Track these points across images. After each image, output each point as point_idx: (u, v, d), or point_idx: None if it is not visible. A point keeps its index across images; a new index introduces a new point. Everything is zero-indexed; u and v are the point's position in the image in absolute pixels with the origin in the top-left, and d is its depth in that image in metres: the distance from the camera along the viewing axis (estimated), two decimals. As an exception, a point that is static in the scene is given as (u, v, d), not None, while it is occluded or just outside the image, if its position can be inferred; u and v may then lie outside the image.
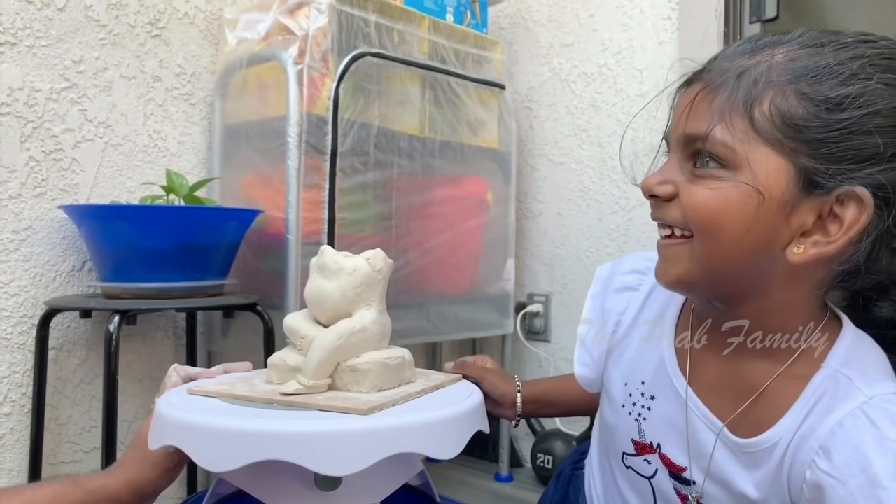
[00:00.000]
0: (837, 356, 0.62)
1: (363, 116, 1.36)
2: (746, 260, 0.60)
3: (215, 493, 0.77)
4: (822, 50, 0.58)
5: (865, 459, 0.55)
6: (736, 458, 0.65)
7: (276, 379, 0.71)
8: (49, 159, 1.24)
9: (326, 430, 0.59)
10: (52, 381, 1.25)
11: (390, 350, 0.77)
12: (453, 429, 0.65)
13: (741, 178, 0.58)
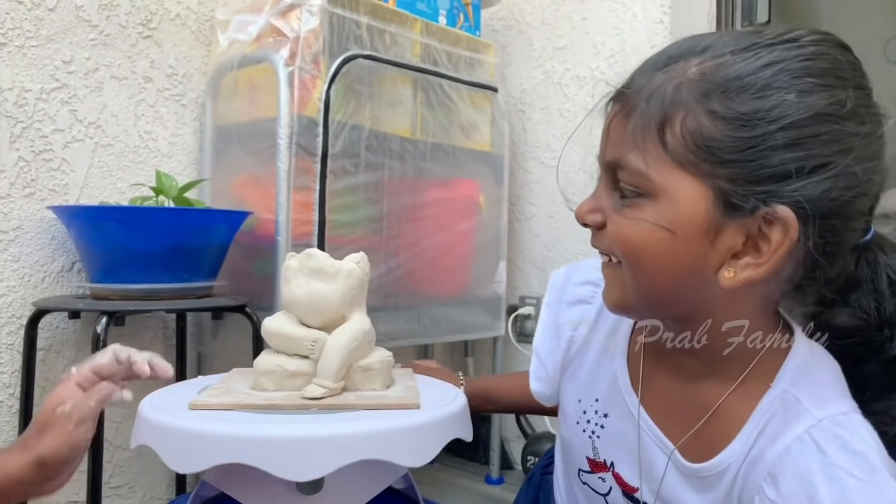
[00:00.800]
0: (787, 375, 0.59)
1: (354, 118, 1.36)
2: (676, 287, 0.58)
3: (199, 496, 0.77)
4: (735, 59, 0.55)
5: (812, 488, 0.52)
6: (687, 481, 0.63)
7: (270, 385, 0.71)
8: (39, 159, 1.23)
9: (298, 434, 0.60)
10: (41, 382, 1.25)
11: (382, 350, 0.78)
12: (427, 436, 0.65)
13: (659, 207, 0.56)
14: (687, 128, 0.54)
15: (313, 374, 0.72)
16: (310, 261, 0.75)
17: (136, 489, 1.38)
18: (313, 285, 0.74)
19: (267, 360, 0.73)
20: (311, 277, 0.74)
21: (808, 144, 0.53)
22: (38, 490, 0.65)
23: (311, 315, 0.74)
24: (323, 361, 0.71)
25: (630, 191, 0.58)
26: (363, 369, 0.75)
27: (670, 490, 0.64)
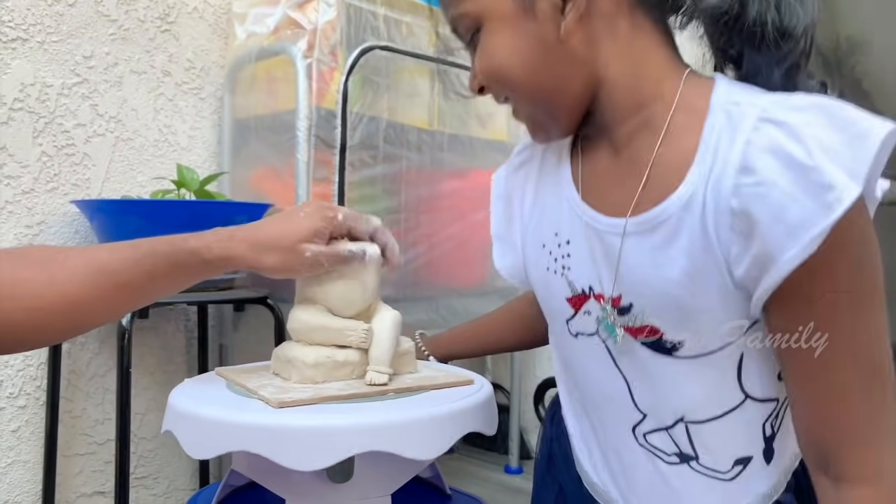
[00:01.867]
0: (719, 97, 0.57)
1: (372, 110, 1.36)
2: (545, 75, 0.61)
3: (228, 485, 0.78)
4: None
5: (785, 154, 0.50)
6: (649, 241, 0.59)
7: (320, 377, 0.71)
8: (61, 154, 1.25)
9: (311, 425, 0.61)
10: (66, 375, 1.27)
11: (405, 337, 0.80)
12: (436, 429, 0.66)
13: (488, 27, 0.61)
14: None
15: (358, 363, 0.73)
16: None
17: (160, 479, 1.40)
18: (345, 277, 0.74)
19: (314, 354, 0.72)
20: (341, 268, 0.75)
21: None
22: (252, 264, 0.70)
23: (344, 305, 0.75)
24: (377, 349, 0.73)
25: (471, 35, 0.63)
26: (400, 354, 0.77)
27: (635, 271, 0.60)
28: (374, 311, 0.77)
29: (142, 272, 0.66)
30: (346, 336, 0.73)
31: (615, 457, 0.69)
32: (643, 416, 0.65)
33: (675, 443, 0.64)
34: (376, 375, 0.71)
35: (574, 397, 0.74)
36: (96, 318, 0.66)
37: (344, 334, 0.73)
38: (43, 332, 0.63)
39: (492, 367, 1.93)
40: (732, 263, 0.55)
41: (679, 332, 0.60)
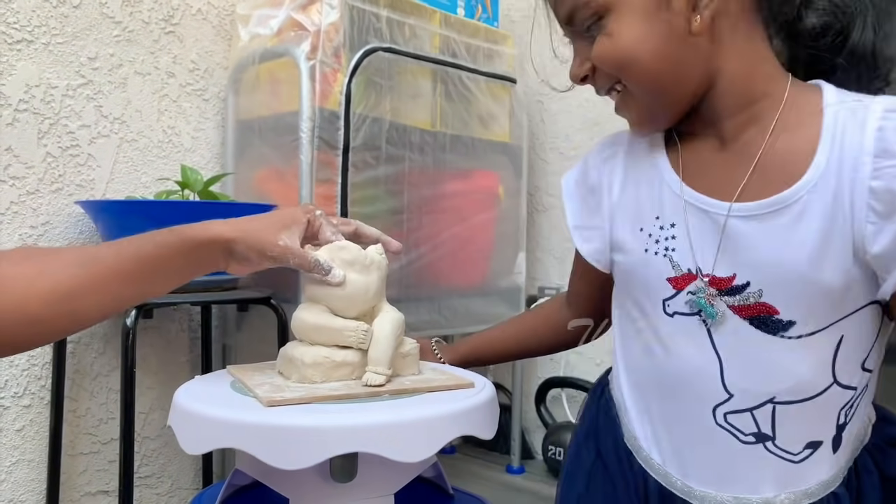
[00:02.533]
0: (831, 96, 0.63)
1: (375, 111, 1.37)
2: (673, 68, 0.64)
3: (232, 484, 0.78)
4: None
5: None
6: (776, 222, 0.62)
7: (319, 377, 0.72)
8: (66, 155, 1.25)
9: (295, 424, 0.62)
10: (71, 374, 1.27)
11: (408, 338, 0.80)
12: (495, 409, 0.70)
13: (615, 14, 0.64)
14: None
15: (358, 364, 0.73)
16: (343, 252, 0.76)
17: (163, 479, 1.40)
18: (350, 277, 0.75)
19: (312, 353, 0.73)
20: (345, 269, 0.75)
21: None
22: (223, 264, 0.72)
23: (348, 306, 0.75)
24: (376, 350, 0.73)
25: (591, 23, 0.66)
26: (402, 356, 0.77)
27: (755, 253, 0.63)
28: (378, 312, 0.77)
29: (132, 258, 0.66)
30: (346, 336, 0.74)
31: (685, 434, 0.70)
32: (729, 397, 0.66)
33: (756, 423, 0.66)
34: (373, 376, 0.71)
35: (645, 376, 0.74)
36: (92, 311, 0.65)
37: (343, 334, 0.74)
38: (36, 325, 0.61)
39: (493, 367, 1.94)
40: (868, 242, 0.59)
41: (795, 311, 0.62)
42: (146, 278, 0.68)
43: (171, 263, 0.69)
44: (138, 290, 0.69)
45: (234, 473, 0.77)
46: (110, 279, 0.65)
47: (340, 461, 0.65)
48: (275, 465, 0.61)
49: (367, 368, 0.73)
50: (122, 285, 0.66)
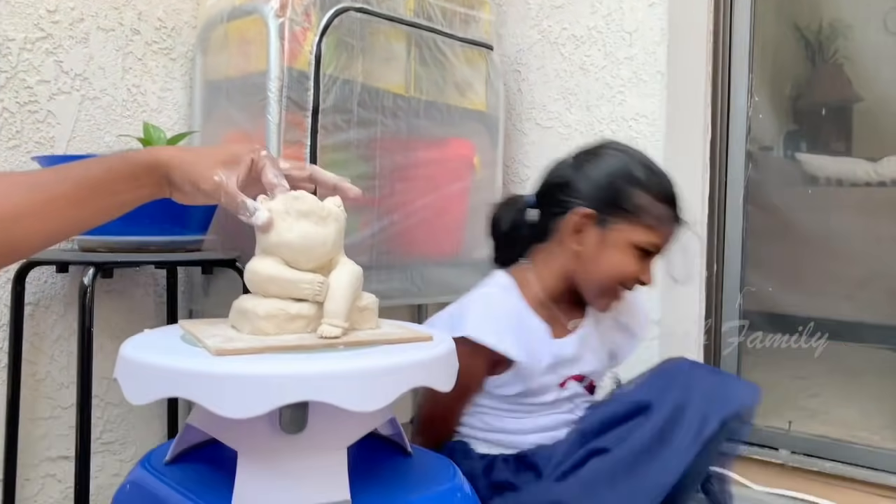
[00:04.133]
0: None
1: (346, 73, 1.34)
2: None
3: (184, 440, 0.76)
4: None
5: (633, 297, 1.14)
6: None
7: (272, 329, 0.70)
8: (24, 111, 1.21)
9: (366, 367, 0.63)
10: (29, 337, 1.24)
11: (367, 293, 0.78)
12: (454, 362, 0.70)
13: None
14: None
15: (314, 317, 0.71)
16: (298, 203, 0.73)
17: (127, 445, 1.38)
18: (306, 228, 0.72)
19: (266, 305, 0.71)
20: (300, 220, 0.73)
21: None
22: (167, 192, 0.73)
23: (303, 258, 0.73)
24: (332, 302, 0.71)
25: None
26: (360, 310, 0.75)
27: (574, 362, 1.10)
28: (335, 265, 0.75)
29: (77, 182, 0.66)
30: (301, 288, 0.71)
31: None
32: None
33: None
34: (328, 328, 0.69)
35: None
36: (38, 235, 0.64)
37: (298, 286, 0.71)
38: None
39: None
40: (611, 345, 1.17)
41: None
42: (92, 202, 0.68)
43: (115, 187, 0.69)
44: (84, 213, 0.69)
45: (186, 429, 0.75)
46: (56, 203, 0.65)
47: (290, 411, 0.63)
48: (222, 413, 0.59)
49: (322, 321, 0.71)
50: (68, 209, 0.66)
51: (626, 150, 1.10)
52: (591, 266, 1.05)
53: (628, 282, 1.05)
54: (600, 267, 1.04)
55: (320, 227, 0.73)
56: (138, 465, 0.76)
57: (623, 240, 1.03)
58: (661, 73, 1.64)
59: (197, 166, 0.72)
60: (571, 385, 1.10)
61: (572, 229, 1.05)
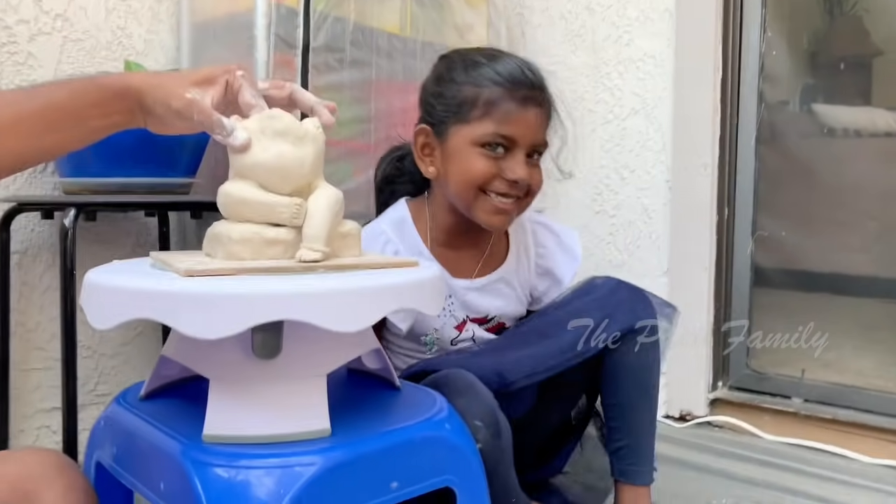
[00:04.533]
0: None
1: (338, 10, 1.28)
2: None
3: (161, 375, 0.73)
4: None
5: (550, 228, 1.10)
6: (484, 293, 1.05)
7: (248, 254, 0.66)
8: (2, 52, 1.17)
9: (213, 291, 0.57)
10: (18, 287, 1.21)
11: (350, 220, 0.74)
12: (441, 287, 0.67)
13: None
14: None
15: (292, 242, 0.67)
16: (275, 122, 0.68)
17: (123, 397, 1.36)
18: (282, 148, 0.68)
19: (241, 229, 0.67)
20: (276, 140, 0.68)
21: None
22: (141, 120, 0.70)
23: (279, 181, 0.68)
24: (310, 226, 0.67)
25: (538, 154, 0.99)
26: (342, 236, 0.71)
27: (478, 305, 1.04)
28: (314, 189, 0.71)
29: (44, 102, 0.65)
30: (278, 212, 0.67)
31: None
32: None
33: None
34: (307, 252, 0.65)
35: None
36: (5, 154, 0.64)
37: (275, 210, 0.67)
38: None
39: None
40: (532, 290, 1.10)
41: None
42: (62, 124, 0.67)
43: (86, 112, 0.67)
44: (54, 136, 0.67)
45: (161, 362, 0.71)
46: (26, 122, 0.64)
47: (262, 335, 0.59)
48: (191, 334, 0.55)
49: (301, 246, 0.67)
50: (38, 128, 0.65)
51: (452, 52, 1.02)
52: (450, 181, 0.96)
53: (489, 184, 0.94)
54: (454, 178, 0.95)
55: (297, 147, 0.69)
56: (113, 401, 0.73)
57: (461, 142, 0.94)
58: (669, 12, 1.57)
59: (168, 86, 0.68)
60: (471, 327, 1.03)
61: (419, 153, 0.99)
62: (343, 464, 0.59)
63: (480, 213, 0.96)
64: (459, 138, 0.94)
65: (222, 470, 0.57)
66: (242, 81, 0.71)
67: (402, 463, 0.63)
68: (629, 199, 1.65)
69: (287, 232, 0.67)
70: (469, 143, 0.94)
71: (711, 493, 1.21)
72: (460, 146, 0.94)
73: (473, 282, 1.03)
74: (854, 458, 1.37)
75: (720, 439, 1.48)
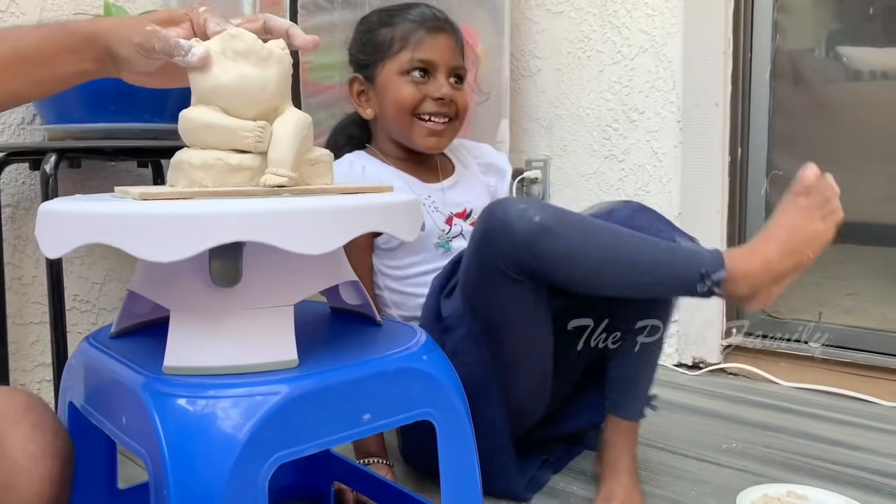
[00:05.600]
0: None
1: (326, -55, 1.23)
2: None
3: (128, 312, 0.70)
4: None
5: (478, 145, 1.23)
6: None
7: (210, 181, 0.62)
8: (-17, -1, 1.14)
9: (168, 212, 0.54)
10: (12, 240, 1.20)
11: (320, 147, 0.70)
12: (417, 213, 0.64)
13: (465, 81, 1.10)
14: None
15: (258, 169, 0.64)
16: (236, 42, 0.64)
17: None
18: (244, 70, 0.64)
19: (202, 154, 0.63)
20: (239, 61, 0.64)
21: None
22: (112, 69, 0.68)
23: (242, 104, 0.65)
24: (276, 150, 0.63)
25: (461, 78, 1.08)
26: (311, 163, 0.67)
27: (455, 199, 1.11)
28: (280, 114, 0.67)
29: (10, 47, 0.64)
30: (241, 137, 0.63)
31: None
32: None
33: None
34: (272, 177, 0.62)
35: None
36: None
37: (238, 134, 0.63)
38: None
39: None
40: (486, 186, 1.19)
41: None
42: (29, 69, 0.65)
43: (57, 58, 0.66)
44: (21, 80, 0.66)
45: (128, 297, 0.69)
46: None
47: (220, 262, 0.56)
48: (143, 256, 0.52)
49: (266, 171, 0.63)
50: (4, 74, 0.64)
51: (369, 13, 1.12)
52: (386, 114, 1.05)
53: (419, 106, 1.03)
54: (389, 110, 1.05)
55: (260, 68, 0.65)
56: (83, 340, 0.70)
57: (388, 76, 1.04)
58: (679, -59, 1.49)
59: (130, 26, 0.66)
60: (458, 222, 1.09)
61: (356, 101, 1.08)
62: (310, 393, 0.56)
63: (417, 138, 1.05)
64: (386, 74, 1.04)
65: (182, 401, 0.55)
66: (207, 16, 0.68)
67: (375, 394, 0.60)
68: (638, 142, 1.59)
69: (252, 158, 0.64)
70: (395, 75, 1.03)
71: (722, 437, 1.17)
72: (388, 80, 1.04)
73: (443, 183, 1.11)
74: (875, 402, 1.32)
75: (734, 386, 1.44)
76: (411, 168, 1.09)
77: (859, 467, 1.07)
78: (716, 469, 1.07)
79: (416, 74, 1.03)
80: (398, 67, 1.03)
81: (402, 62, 1.03)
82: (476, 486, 0.68)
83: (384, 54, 1.04)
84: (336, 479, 0.91)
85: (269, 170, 0.63)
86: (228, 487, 0.52)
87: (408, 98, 1.03)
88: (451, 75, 1.06)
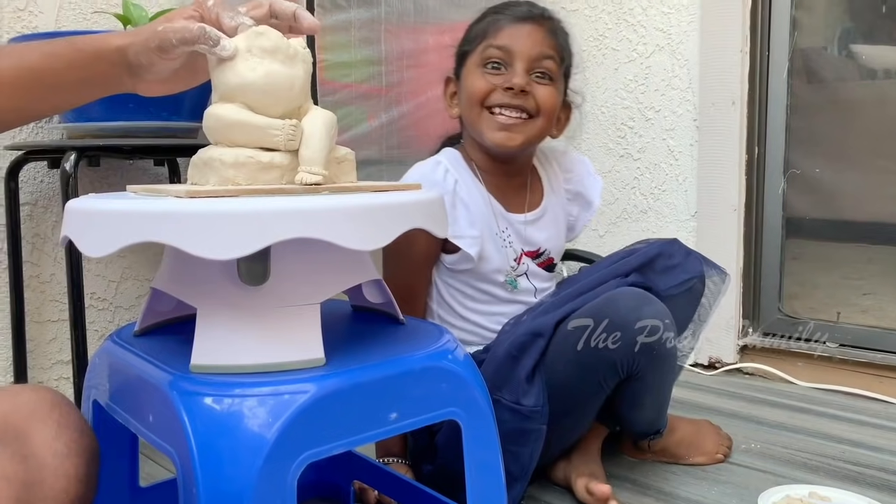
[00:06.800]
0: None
1: (343, -56, 1.23)
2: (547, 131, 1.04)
3: (151, 310, 0.70)
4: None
5: (576, 161, 1.15)
6: (535, 227, 1.09)
7: (243, 180, 0.62)
8: (1, -2, 1.14)
9: (223, 209, 0.53)
10: (30, 238, 1.20)
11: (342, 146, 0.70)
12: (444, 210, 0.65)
13: (556, 87, 1.01)
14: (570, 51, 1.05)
15: (288, 167, 0.64)
16: (262, 39, 0.64)
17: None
18: (271, 67, 0.64)
19: (234, 152, 0.63)
20: (265, 58, 0.64)
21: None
22: (128, 82, 0.68)
23: (269, 102, 0.64)
24: (308, 148, 0.63)
25: (547, 74, 0.99)
26: (337, 161, 0.67)
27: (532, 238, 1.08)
28: (305, 113, 0.67)
29: (14, 62, 0.64)
30: (271, 135, 0.63)
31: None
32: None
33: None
34: (308, 175, 0.61)
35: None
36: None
37: (268, 133, 0.63)
38: None
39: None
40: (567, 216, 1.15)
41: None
42: (34, 86, 0.66)
43: (64, 75, 0.66)
44: (27, 98, 0.66)
45: (152, 295, 0.69)
46: (20, 74, 0.64)
47: (248, 261, 0.55)
48: (201, 254, 0.52)
49: (299, 169, 0.63)
50: (33, 83, 0.65)
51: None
52: (463, 113, 1.04)
53: (489, 97, 0.98)
54: (464, 106, 1.02)
55: (287, 66, 0.65)
56: (108, 338, 0.70)
57: (467, 71, 1.01)
58: (695, -62, 1.49)
59: (143, 33, 0.66)
60: (526, 261, 1.07)
61: (448, 102, 1.07)
62: (337, 392, 0.56)
63: (486, 132, 0.99)
64: (467, 68, 1.02)
65: (210, 399, 0.55)
66: (217, 9, 0.67)
67: (402, 393, 0.60)
68: (654, 140, 1.58)
69: (282, 156, 0.64)
70: (474, 67, 1.00)
71: (741, 437, 1.17)
72: (467, 73, 1.02)
73: (527, 216, 1.06)
74: (893, 403, 1.31)
75: (750, 386, 1.43)
76: (501, 184, 1.05)
77: (881, 468, 1.06)
78: (736, 469, 1.06)
79: (493, 65, 0.98)
80: (477, 59, 0.99)
81: (480, 53, 0.99)
82: (500, 486, 0.68)
83: (470, 49, 1.01)
84: (356, 477, 0.91)
85: (303, 168, 0.63)
86: (258, 487, 0.52)
87: (478, 89, 0.98)
88: (533, 68, 0.98)
